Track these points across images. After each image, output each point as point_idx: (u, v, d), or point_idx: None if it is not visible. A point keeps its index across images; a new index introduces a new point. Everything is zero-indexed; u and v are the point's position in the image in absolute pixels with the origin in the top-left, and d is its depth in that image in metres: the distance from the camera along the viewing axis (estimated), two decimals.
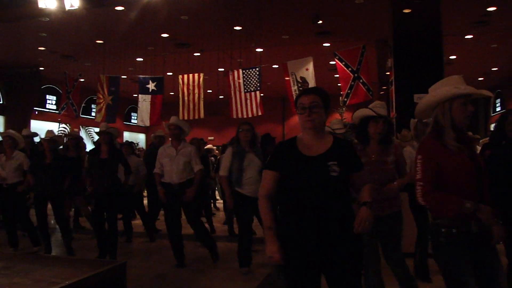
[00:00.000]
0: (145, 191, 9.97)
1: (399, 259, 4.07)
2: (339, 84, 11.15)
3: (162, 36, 12.90)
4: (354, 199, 2.96)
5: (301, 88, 11.12)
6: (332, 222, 2.75)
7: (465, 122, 2.97)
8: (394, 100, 9.65)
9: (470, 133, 6.80)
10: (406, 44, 9.49)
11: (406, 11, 9.37)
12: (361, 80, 10.58)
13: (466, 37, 12.72)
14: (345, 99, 10.77)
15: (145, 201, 9.46)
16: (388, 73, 11.28)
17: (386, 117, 4.16)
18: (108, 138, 6.68)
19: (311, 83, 11.00)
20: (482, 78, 18.38)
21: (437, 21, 9.36)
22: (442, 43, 9.41)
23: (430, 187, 2.92)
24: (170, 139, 6.58)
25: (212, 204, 11.52)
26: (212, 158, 11.63)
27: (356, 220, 2.70)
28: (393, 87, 9.80)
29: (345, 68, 10.78)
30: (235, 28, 11.96)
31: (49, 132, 7.47)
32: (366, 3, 10.08)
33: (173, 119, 6.54)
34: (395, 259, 4.05)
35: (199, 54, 14.42)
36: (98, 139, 7.04)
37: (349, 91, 10.61)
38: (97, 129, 7.20)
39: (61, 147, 8.50)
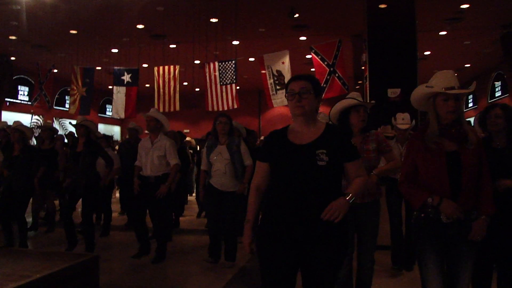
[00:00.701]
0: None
1: (371, 250, 4.13)
2: None
3: (138, 27, 12.76)
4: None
5: (277, 82, 11.12)
6: (317, 214, 2.63)
7: (447, 117, 3.01)
8: (368, 94, 9.73)
9: None
10: (380, 39, 9.57)
11: (382, 6, 9.45)
12: (336, 74, 10.62)
13: (440, 33, 12.89)
14: None
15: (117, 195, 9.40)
16: (363, 67, 11.37)
17: (366, 105, 4.22)
18: (84, 131, 6.58)
19: (287, 77, 11.01)
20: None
21: (412, 17, 9.46)
22: (416, 39, 9.51)
23: (404, 179, 3.17)
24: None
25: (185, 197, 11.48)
26: (191, 151, 11.56)
27: (328, 207, 2.59)
28: (367, 82, 9.88)
29: (321, 62, 10.81)
30: (211, 20, 11.90)
31: (16, 122, 7.31)
32: None
33: (151, 111, 6.45)
34: (367, 248, 4.11)
35: (174, 46, 14.29)
36: (71, 132, 6.95)
37: (324, 85, 10.64)
38: (72, 121, 7.10)
39: (35, 139, 8.38)
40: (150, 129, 6.37)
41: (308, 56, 12.49)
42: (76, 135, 7.60)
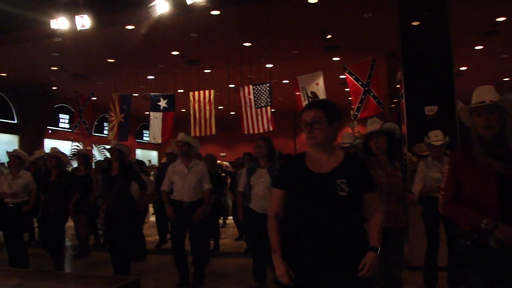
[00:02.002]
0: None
1: (397, 276, 4.08)
2: (349, 98, 11.13)
3: (172, 54, 13.00)
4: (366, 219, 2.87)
5: None
6: (338, 245, 2.60)
7: (483, 133, 2.85)
8: (405, 113, 9.62)
9: None
10: (415, 56, 9.48)
11: (415, 23, 9.37)
12: (371, 94, 10.54)
13: (476, 48, 12.67)
14: (356, 113, 10.73)
15: (153, 218, 9.45)
16: (398, 86, 11.25)
17: (380, 133, 4.17)
18: (118, 155, 6.67)
19: (322, 97, 10.99)
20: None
21: (446, 32, 9.36)
22: (451, 55, 9.39)
23: (449, 198, 2.92)
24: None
25: (222, 221, 11.51)
26: (223, 174, 11.61)
27: (362, 264, 2.57)
28: (403, 100, 9.78)
29: (355, 82, 10.76)
30: (244, 44, 12.02)
31: (53, 149, 7.48)
32: (374, 17, 10.09)
33: (180, 136, 6.45)
34: (393, 275, 4.05)
35: (209, 70, 14.49)
36: (107, 157, 7.07)
37: (359, 105, 10.57)
38: (108, 147, 7.23)
39: (75, 166, 8.54)
40: (183, 154, 6.37)
41: (342, 76, 12.46)
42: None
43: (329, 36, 11.30)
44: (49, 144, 18.14)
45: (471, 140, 2.97)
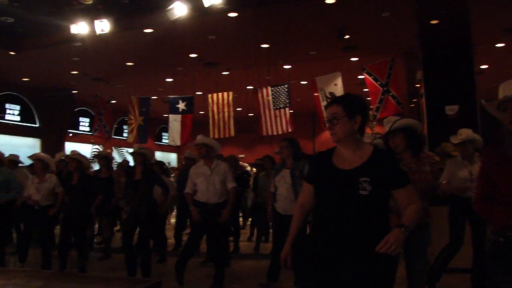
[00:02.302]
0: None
1: (419, 273, 4.02)
2: (368, 98, 11.07)
3: (191, 56, 13.07)
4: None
5: None
6: (356, 245, 2.53)
7: (510, 128, 2.75)
8: (425, 112, 9.53)
9: None
10: (435, 55, 9.37)
11: (434, 22, 9.28)
12: (390, 94, 10.46)
13: (497, 45, 12.49)
14: (375, 113, 10.66)
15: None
16: (418, 85, 11.15)
17: (395, 131, 4.14)
18: (141, 159, 6.69)
19: None
20: None
21: (466, 30, 9.23)
22: (472, 53, 9.26)
23: (482, 196, 2.88)
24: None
25: (242, 222, 11.50)
26: (244, 175, 11.60)
27: (383, 240, 2.38)
28: (423, 99, 9.68)
29: (374, 82, 10.69)
30: (262, 45, 12.03)
31: (73, 152, 7.53)
32: (392, 16, 10.02)
33: (198, 138, 6.41)
34: (416, 271, 4.01)
35: (227, 72, 14.53)
36: (125, 159, 7.08)
37: (379, 105, 10.50)
38: (129, 150, 7.25)
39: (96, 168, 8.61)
40: (203, 156, 6.34)
41: (361, 77, 12.39)
42: (133, 163, 7.74)
43: (347, 37, 11.24)
44: (70, 147, 18.34)
45: (500, 133, 2.91)
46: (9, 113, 17.01)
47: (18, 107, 17.37)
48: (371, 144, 2.96)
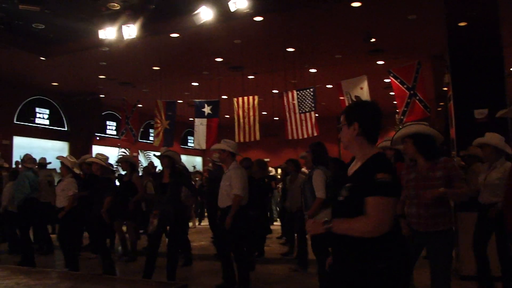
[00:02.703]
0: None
1: (443, 280, 3.96)
2: (394, 102, 10.96)
3: (216, 60, 13.14)
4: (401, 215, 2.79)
5: None
6: (340, 253, 2.59)
7: None
8: (453, 116, 9.38)
9: None
10: (463, 58, 9.22)
11: (462, 24, 9.14)
12: (417, 97, 10.34)
13: None
14: (402, 117, 10.54)
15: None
16: (446, 88, 10.98)
17: (405, 138, 4.20)
18: (168, 161, 6.71)
19: None
20: None
21: (496, 31, 9.05)
22: (502, 55, 9.09)
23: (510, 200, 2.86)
24: None
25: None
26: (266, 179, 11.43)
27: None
28: (451, 103, 9.54)
29: (400, 86, 10.58)
30: (287, 49, 12.03)
31: (99, 154, 7.64)
32: (419, 19, 9.91)
33: (214, 146, 6.59)
34: (439, 278, 3.96)
35: (253, 76, 14.56)
36: (151, 162, 7.11)
37: (405, 109, 10.39)
38: (156, 153, 7.26)
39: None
40: (222, 161, 6.49)
41: (387, 80, 12.29)
42: (160, 165, 7.80)
43: (373, 40, 11.17)
44: (97, 150, 18.61)
45: None
46: (39, 117, 17.33)
47: (47, 111, 17.70)
48: (380, 147, 2.96)
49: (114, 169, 12.60)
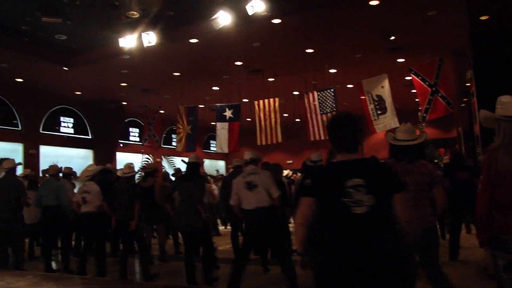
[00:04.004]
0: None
1: (434, 271, 4.24)
2: (417, 100, 10.85)
3: (236, 64, 13.18)
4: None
5: (377, 106, 10.92)
6: None
7: None
8: (477, 112, 9.26)
9: None
10: (486, 52, 9.10)
11: (483, 18, 9.01)
12: (439, 94, 10.23)
13: None
14: (424, 115, 10.44)
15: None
16: (469, 84, 10.85)
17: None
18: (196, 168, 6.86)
19: (388, 101, 10.78)
20: None
21: None
22: None
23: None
24: None
25: None
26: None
27: None
28: (475, 98, 9.42)
29: (422, 83, 10.48)
30: (307, 50, 12.00)
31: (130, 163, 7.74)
32: (439, 14, 9.79)
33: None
34: (430, 270, 4.23)
35: (273, 79, 14.57)
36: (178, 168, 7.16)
37: (427, 106, 10.29)
38: (177, 158, 7.33)
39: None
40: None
41: (408, 78, 12.18)
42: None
43: (393, 38, 11.07)
44: (121, 157, 18.83)
45: None
46: (63, 126, 17.59)
47: (71, 120, 17.95)
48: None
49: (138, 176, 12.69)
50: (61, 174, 8.94)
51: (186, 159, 6.86)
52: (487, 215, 2.77)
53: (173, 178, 11.17)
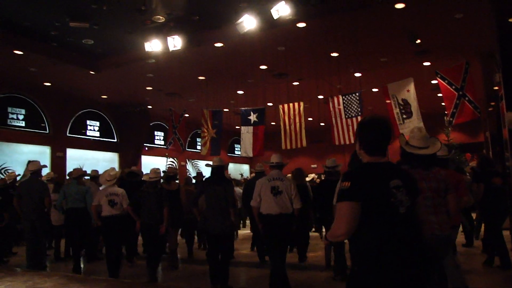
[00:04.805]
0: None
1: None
2: (443, 104, 10.69)
3: (261, 68, 13.20)
4: None
5: (403, 111, 10.79)
6: None
7: None
8: (505, 116, 9.08)
9: None
10: None
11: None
12: (466, 98, 10.06)
13: None
14: (451, 119, 10.27)
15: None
16: (497, 88, 10.65)
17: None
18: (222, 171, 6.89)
19: (413, 105, 10.64)
20: None
21: None
22: None
23: None
24: None
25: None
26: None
27: None
28: (503, 102, 9.23)
29: (448, 87, 10.32)
30: (332, 54, 11.95)
31: (153, 169, 7.77)
32: (466, 17, 9.66)
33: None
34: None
35: (297, 83, 14.54)
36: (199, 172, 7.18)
37: (454, 110, 10.12)
38: (201, 162, 7.38)
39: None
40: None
41: (434, 82, 12.03)
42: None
43: (419, 41, 10.94)
44: (145, 160, 19.00)
45: None
46: (89, 129, 17.84)
47: (97, 123, 18.19)
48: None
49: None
50: (87, 177, 9.07)
51: (211, 163, 6.87)
52: None
53: (193, 181, 11.22)
